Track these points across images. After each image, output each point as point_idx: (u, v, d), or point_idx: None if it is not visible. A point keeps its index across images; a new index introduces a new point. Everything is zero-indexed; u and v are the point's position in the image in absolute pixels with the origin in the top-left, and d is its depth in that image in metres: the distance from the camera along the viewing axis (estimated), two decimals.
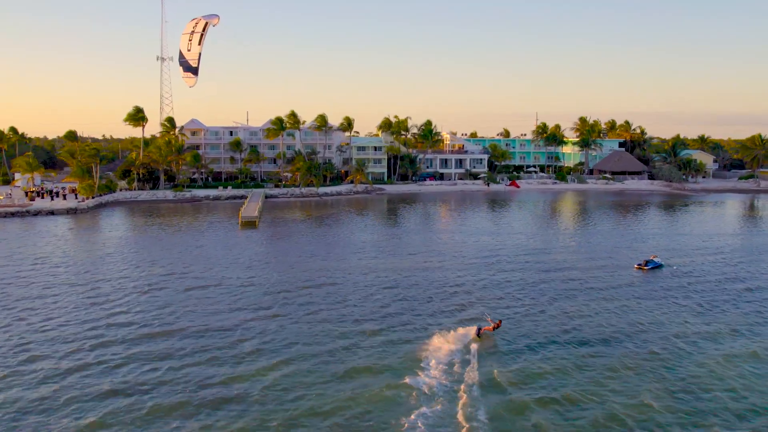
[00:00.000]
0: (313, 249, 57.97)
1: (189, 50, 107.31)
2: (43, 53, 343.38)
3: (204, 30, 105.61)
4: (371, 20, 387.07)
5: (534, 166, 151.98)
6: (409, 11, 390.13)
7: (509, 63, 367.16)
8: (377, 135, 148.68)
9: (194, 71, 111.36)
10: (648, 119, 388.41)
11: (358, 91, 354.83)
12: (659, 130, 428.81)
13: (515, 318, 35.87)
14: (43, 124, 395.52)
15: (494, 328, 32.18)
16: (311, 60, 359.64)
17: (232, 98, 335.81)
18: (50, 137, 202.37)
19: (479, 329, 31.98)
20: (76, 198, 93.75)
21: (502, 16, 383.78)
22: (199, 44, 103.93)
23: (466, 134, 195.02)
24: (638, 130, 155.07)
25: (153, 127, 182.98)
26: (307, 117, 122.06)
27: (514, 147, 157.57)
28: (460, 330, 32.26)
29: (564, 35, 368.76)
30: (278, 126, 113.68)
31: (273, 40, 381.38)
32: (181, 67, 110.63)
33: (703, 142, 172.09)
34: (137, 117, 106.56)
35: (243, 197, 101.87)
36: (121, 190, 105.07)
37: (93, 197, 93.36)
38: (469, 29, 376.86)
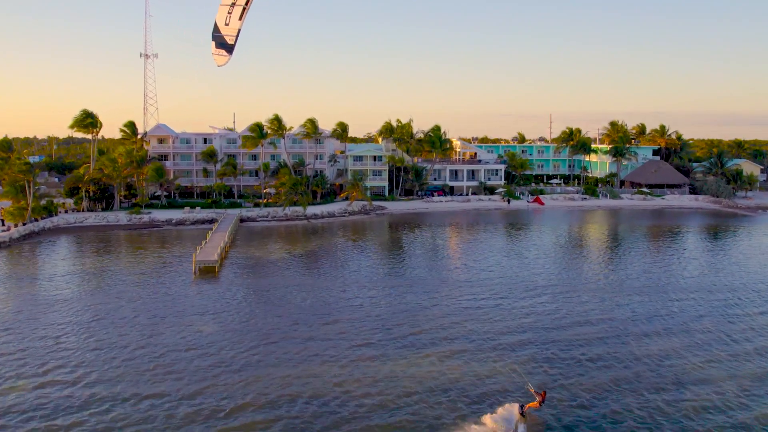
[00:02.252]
0: (273, 322, 39.88)
1: (227, 24, 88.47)
2: (26, 53, 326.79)
3: (247, 4, 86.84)
4: (369, 21, 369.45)
5: (556, 177, 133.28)
6: (409, 11, 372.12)
7: (512, 63, 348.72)
8: (377, 142, 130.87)
9: (229, 49, 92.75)
10: (655, 120, 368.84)
11: (354, 95, 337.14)
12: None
13: None
14: (23, 127, 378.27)
15: (540, 403, 26.17)
16: (306, 62, 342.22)
17: (223, 102, 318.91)
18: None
19: (522, 407, 26.42)
20: (3, 225, 76.06)
21: (502, 15, 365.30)
22: (240, 19, 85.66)
23: (476, 138, 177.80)
24: (674, 136, 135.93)
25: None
26: (298, 122, 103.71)
27: (531, 154, 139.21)
28: (500, 410, 26.47)
29: (565, 35, 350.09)
30: (257, 133, 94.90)
31: (267, 41, 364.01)
32: (213, 42, 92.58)
33: (739, 148, 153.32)
34: (85, 123, 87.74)
35: (213, 221, 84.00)
36: (67, 211, 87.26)
37: (24, 224, 75.61)
38: (469, 29, 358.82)
